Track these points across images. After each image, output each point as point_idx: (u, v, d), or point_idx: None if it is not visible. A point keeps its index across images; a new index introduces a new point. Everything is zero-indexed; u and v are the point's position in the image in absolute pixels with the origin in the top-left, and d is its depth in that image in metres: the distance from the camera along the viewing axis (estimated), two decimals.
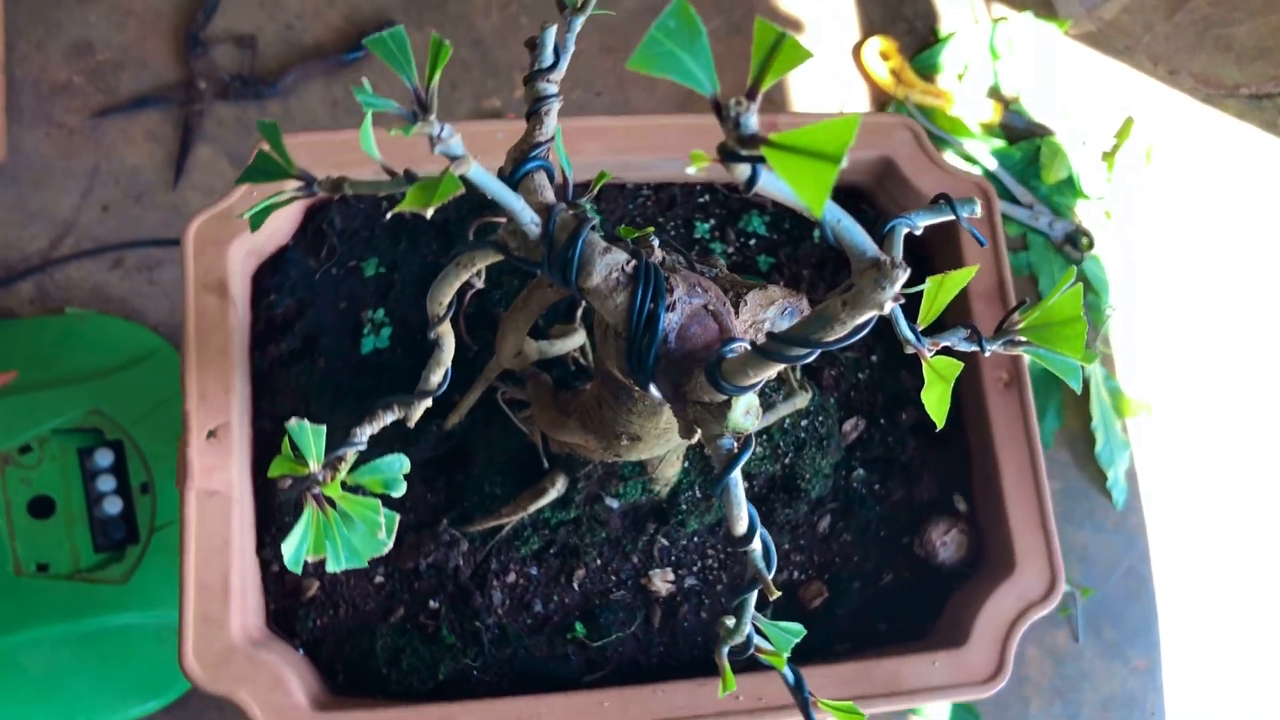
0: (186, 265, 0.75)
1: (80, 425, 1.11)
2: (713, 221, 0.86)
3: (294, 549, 0.47)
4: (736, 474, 0.45)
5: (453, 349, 0.59)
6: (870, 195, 0.90)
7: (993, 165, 1.43)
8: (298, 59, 1.36)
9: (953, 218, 0.47)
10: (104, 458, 1.10)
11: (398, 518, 0.48)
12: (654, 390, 0.47)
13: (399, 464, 0.49)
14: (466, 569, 0.75)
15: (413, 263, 0.81)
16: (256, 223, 0.50)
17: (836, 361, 0.83)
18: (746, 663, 0.51)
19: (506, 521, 0.74)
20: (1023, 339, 0.46)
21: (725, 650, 0.51)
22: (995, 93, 1.47)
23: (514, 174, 0.50)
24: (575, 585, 0.76)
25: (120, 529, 1.09)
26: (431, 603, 0.76)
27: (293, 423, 0.48)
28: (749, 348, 0.44)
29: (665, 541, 0.77)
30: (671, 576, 0.77)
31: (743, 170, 0.33)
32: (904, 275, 0.37)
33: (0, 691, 1.05)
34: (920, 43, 1.48)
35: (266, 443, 0.77)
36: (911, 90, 1.43)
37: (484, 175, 0.42)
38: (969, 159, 1.43)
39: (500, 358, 0.69)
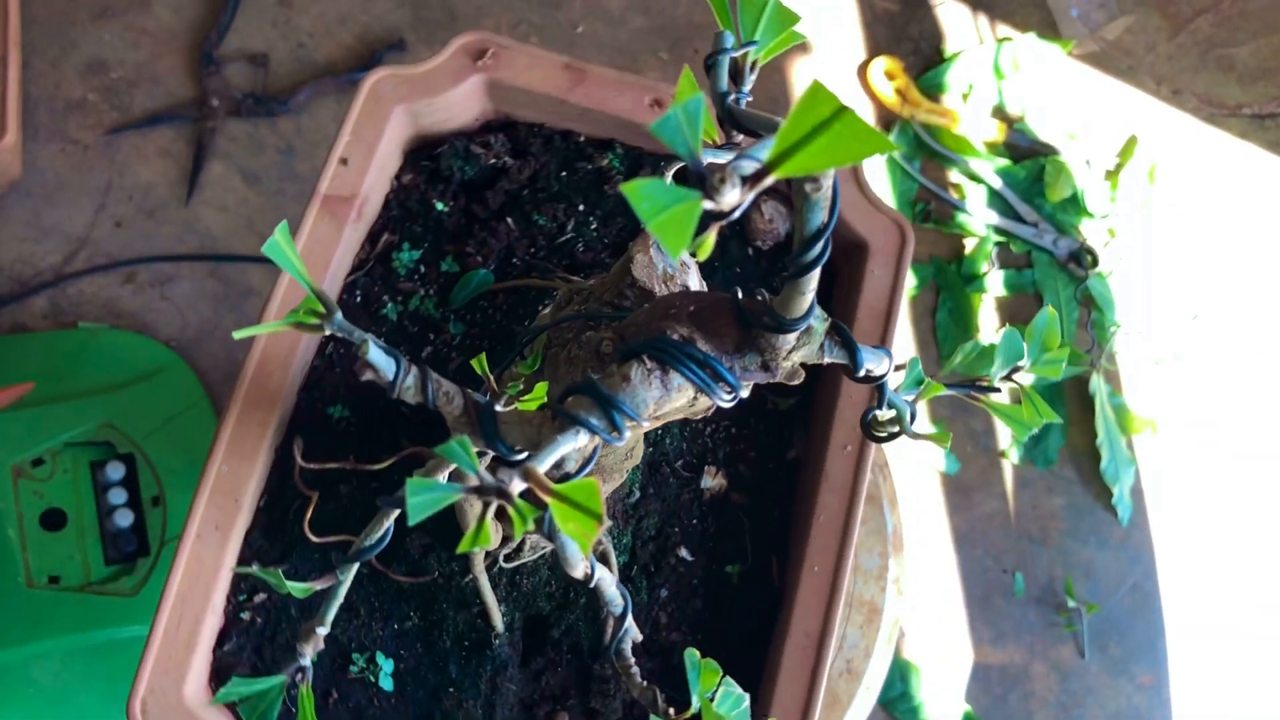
0: None
1: (92, 439, 1.12)
2: (403, 258, 0.82)
3: None
4: (862, 353, 0.49)
5: (609, 571, 0.58)
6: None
7: (998, 184, 1.44)
8: (310, 77, 1.38)
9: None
10: (115, 471, 1.11)
11: None
12: (745, 393, 0.50)
13: None
14: (645, 661, 0.75)
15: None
16: None
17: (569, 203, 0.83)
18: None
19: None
20: None
21: (912, 430, 0.54)
22: (1000, 112, 1.48)
23: (501, 446, 0.48)
24: (689, 557, 0.77)
25: (131, 542, 1.09)
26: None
27: None
28: (782, 286, 0.45)
29: (680, 461, 0.79)
30: (713, 470, 0.78)
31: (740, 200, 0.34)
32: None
33: (11, 703, 1.05)
34: (925, 63, 1.50)
35: None
36: (917, 109, 1.44)
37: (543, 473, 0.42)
38: (974, 178, 1.44)
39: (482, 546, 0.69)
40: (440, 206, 0.82)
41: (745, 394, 0.49)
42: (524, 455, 0.45)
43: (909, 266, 0.78)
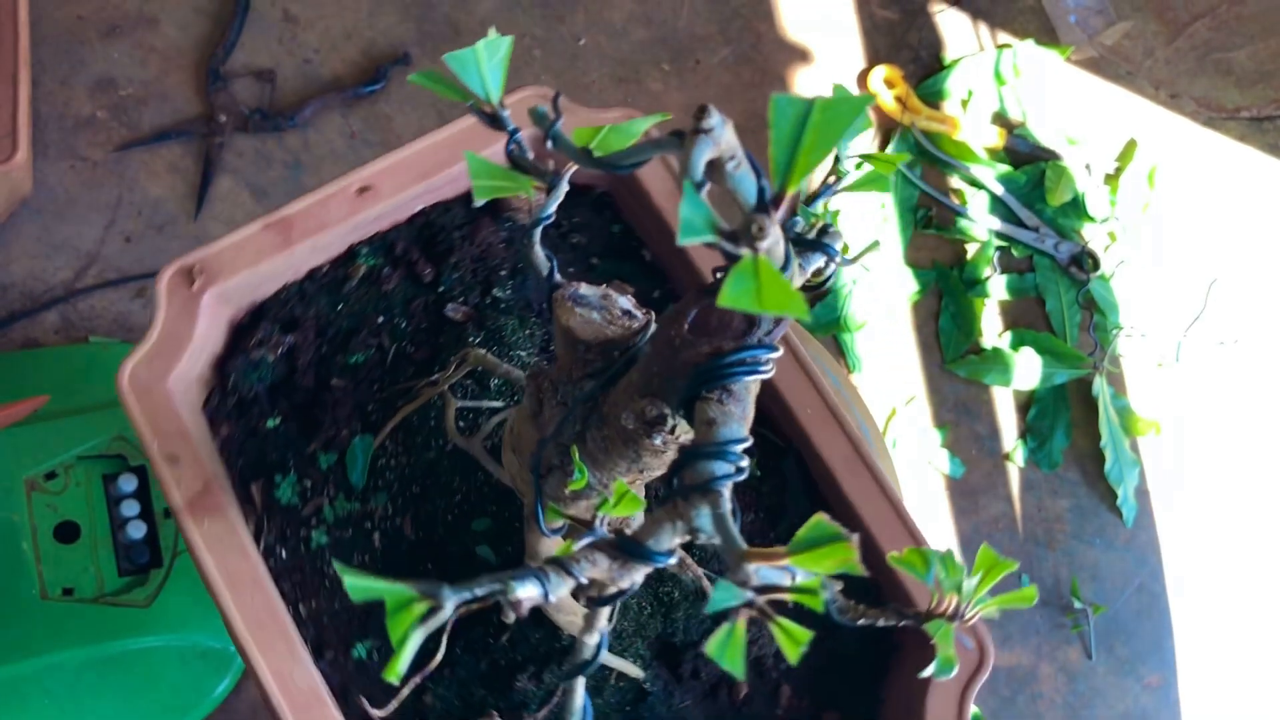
0: None
1: (104, 451, 1.12)
2: (284, 491, 0.79)
3: None
4: (832, 248, 0.52)
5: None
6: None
7: (999, 189, 1.45)
8: (316, 92, 1.39)
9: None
10: (128, 483, 1.12)
11: None
12: (780, 351, 0.52)
13: None
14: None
15: None
16: None
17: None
18: None
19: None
20: None
21: (846, 260, 0.56)
22: (1000, 118, 1.49)
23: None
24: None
25: (144, 553, 1.10)
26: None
27: None
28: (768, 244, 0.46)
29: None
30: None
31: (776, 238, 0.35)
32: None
33: (25, 715, 1.06)
34: (925, 70, 1.51)
35: None
36: (917, 117, 1.45)
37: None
38: (975, 184, 1.45)
39: (570, 630, 0.69)
40: (271, 424, 0.79)
41: (780, 351, 0.49)
42: (674, 553, 0.45)
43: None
